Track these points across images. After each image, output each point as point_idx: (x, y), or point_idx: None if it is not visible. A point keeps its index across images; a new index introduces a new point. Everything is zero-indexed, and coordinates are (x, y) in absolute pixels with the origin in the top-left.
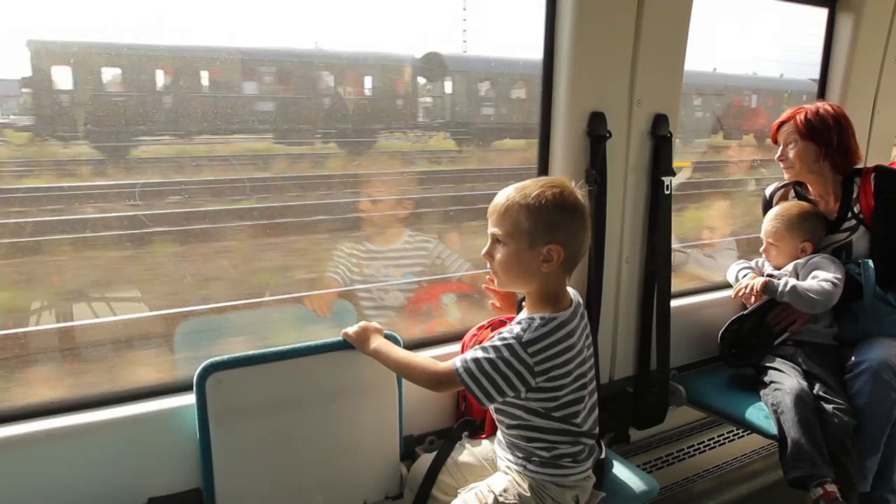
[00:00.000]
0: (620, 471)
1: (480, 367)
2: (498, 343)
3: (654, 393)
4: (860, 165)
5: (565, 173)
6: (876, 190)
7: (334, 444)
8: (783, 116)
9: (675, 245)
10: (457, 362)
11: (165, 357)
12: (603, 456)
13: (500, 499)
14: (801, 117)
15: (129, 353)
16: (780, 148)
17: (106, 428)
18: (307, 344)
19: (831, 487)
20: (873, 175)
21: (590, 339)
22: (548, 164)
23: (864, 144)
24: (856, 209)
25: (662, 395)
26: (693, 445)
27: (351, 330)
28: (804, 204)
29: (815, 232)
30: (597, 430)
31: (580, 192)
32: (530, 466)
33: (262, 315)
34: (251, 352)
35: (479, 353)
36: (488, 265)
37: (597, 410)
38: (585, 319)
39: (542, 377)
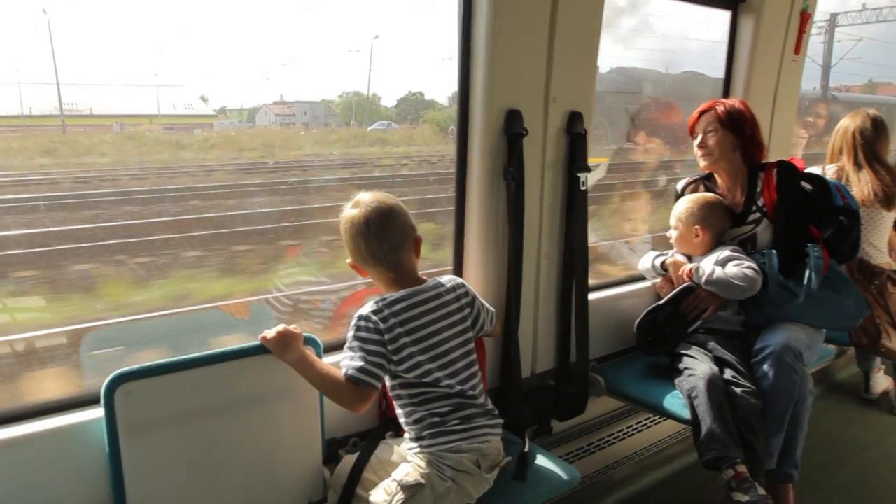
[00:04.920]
0: (543, 462)
1: (357, 354)
2: (351, 331)
3: (574, 384)
4: (764, 161)
5: (483, 171)
6: (778, 184)
7: (254, 452)
8: (703, 107)
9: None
10: (344, 371)
11: None
12: (526, 449)
13: (403, 483)
14: (721, 108)
15: None
16: (700, 136)
17: (6, 448)
18: (223, 350)
19: (741, 468)
20: (776, 170)
21: (463, 312)
22: (466, 163)
23: (766, 140)
24: (760, 202)
25: (583, 386)
26: (613, 434)
27: (269, 334)
28: (708, 194)
29: (708, 221)
30: (482, 397)
31: (362, 209)
32: (425, 442)
33: None
34: (163, 360)
35: (346, 350)
36: None
37: (478, 377)
38: (448, 297)
39: (392, 345)
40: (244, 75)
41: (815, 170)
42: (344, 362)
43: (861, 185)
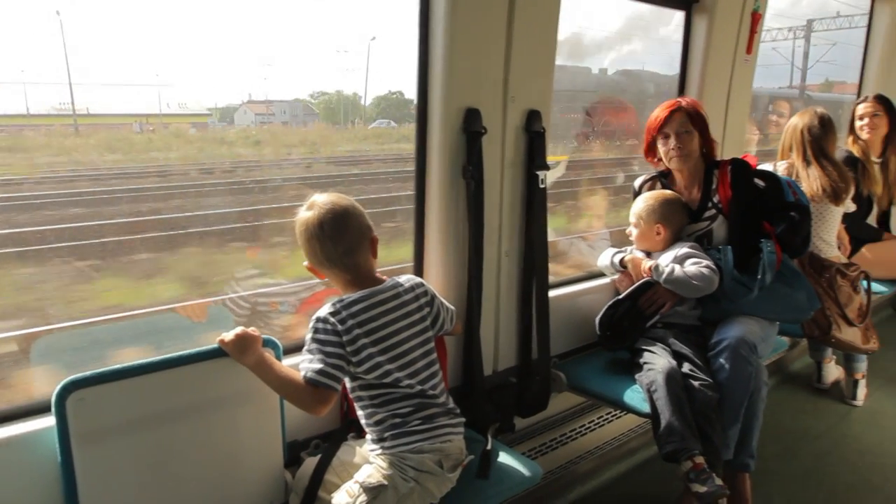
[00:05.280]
0: (505, 459)
1: (315, 357)
2: (309, 334)
3: (536, 381)
4: (718, 158)
5: (443, 170)
6: (733, 181)
7: (214, 458)
8: (671, 106)
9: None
10: (303, 373)
11: None
12: (489, 447)
13: (365, 484)
14: (688, 108)
15: None
16: (673, 137)
17: None
18: (180, 354)
19: (699, 459)
20: (730, 168)
21: (423, 311)
22: (425, 161)
23: (720, 137)
24: (715, 199)
25: (544, 382)
26: (575, 429)
27: (227, 337)
28: (667, 192)
29: (669, 218)
30: (443, 396)
31: (315, 211)
32: (387, 444)
33: None
34: (117, 366)
35: (305, 353)
36: None
37: (439, 376)
38: (406, 297)
39: (351, 346)
40: (223, 74)
41: (766, 166)
42: (303, 365)
43: (810, 181)
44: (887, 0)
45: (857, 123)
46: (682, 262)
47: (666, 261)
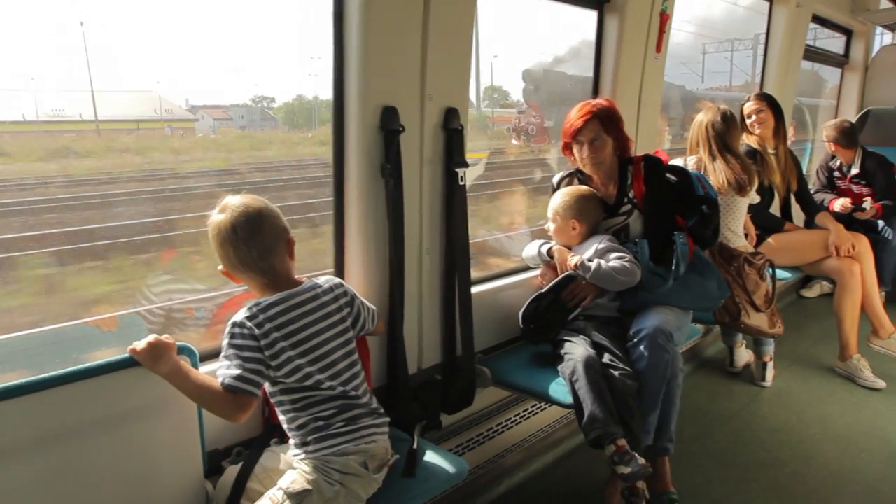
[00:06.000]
0: (431, 457)
1: (233, 363)
2: (225, 339)
3: (461, 377)
4: (631, 154)
5: (361, 169)
6: (646, 176)
7: (128, 474)
8: (584, 113)
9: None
10: (220, 380)
11: None
12: (415, 445)
13: (289, 490)
14: (601, 112)
15: None
16: (585, 147)
17: None
18: (87, 366)
19: (622, 442)
20: (643, 164)
21: (343, 312)
22: (343, 160)
23: (634, 134)
24: (630, 194)
25: (469, 378)
26: (501, 423)
27: (139, 346)
28: (583, 188)
29: (584, 213)
30: (366, 397)
31: (228, 214)
32: (310, 447)
33: None
34: (14, 382)
35: (222, 359)
36: None
37: (361, 377)
38: (326, 298)
39: (269, 350)
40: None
41: (677, 161)
42: (220, 371)
43: (716, 174)
44: (783, 2)
45: (747, 121)
46: (603, 256)
47: (588, 254)
